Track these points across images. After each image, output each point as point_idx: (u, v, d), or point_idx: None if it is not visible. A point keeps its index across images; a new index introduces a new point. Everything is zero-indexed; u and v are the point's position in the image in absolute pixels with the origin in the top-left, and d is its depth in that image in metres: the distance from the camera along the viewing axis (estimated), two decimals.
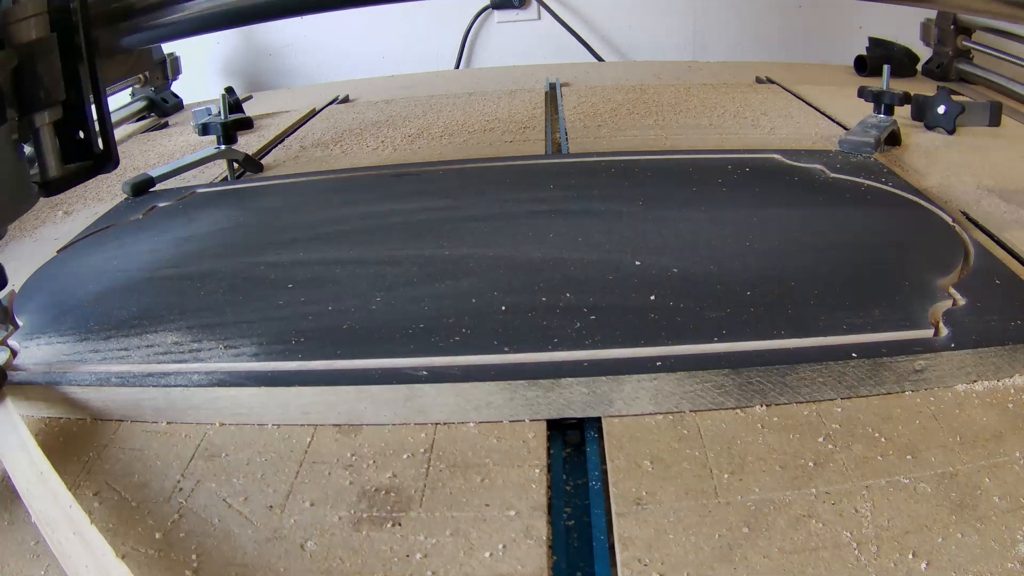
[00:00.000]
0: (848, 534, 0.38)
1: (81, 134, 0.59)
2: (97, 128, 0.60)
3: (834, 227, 0.65)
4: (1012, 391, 0.47)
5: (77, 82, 0.57)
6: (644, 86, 1.31)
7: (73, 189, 0.96)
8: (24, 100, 0.54)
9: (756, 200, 0.72)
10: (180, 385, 0.49)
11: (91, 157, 0.61)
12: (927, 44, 1.37)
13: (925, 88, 1.11)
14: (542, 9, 1.74)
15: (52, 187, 0.57)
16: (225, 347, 0.52)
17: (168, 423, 0.49)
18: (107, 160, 0.62)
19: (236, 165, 0.96)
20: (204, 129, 0.95)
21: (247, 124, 1.00)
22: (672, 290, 0.56)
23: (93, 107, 0.59)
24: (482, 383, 0.47)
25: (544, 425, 0.47)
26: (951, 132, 0.96)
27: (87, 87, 0.58)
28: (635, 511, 0.40)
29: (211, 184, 0.91)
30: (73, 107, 0.58)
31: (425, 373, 0.48)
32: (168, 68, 1.40)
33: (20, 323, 0.58)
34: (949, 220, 0.65)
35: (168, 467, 0.45)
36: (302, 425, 0.48)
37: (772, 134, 1.00)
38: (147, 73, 1.35)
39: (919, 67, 1.36)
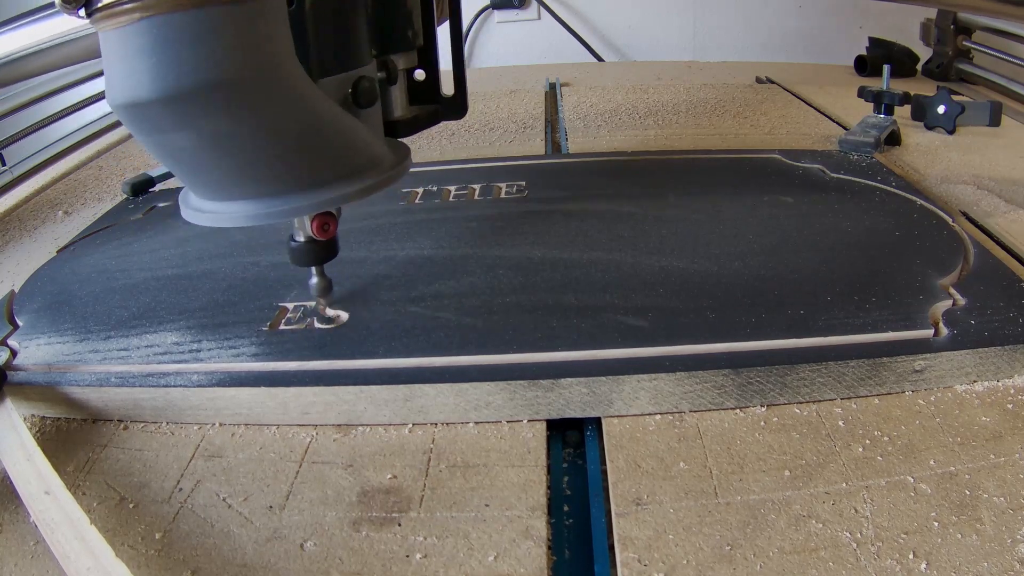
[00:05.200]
0: (848, 534, 0.38)
1: (419, 75, 0.56)
2: (438, 73, 0.58)
3: (834, 227, 0.65)
4: (1012, 391, 0.48)
5: (430, 19, 0.55)
6: (644, 86, 1.31)
7: (72, 189, 0.96)
8: (383, 39, 0.51)
9: (756, 200, 0.72)
10: (180, 385, 0.49)
11: (437, 101, 0.58)
12: (927, 44, 1.37)
13: (925, 88, 1.11)
14: (542, 9, 1.74)
15: (398, 129, 0.54)
16: (225, 347, 0.52)
17: (168, 423, 0.49)
18: (458, 107, 0.59)
19: None
20: None
21: None
22: (672, 290, 0.56)
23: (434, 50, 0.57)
24: (482, 383, 0.47)
25: (544, 425, 0.47)
26: (951, 132, 0.96)
27: (446, 25, 0.57)
28: (635, 511, 0.40)
29: None
30: (423, 47, 0.55)
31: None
32: None
33: (20, 323, 0.58)
34: (949, 220, 0.65)
35: (168, 467, 0.45)
36: (302, 425, 0.48)
37: (772, 134, 1.00)
38: None
39: (919, 67, 1.36)
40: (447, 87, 0.59)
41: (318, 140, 0.45)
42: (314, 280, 0.54)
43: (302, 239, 0.51)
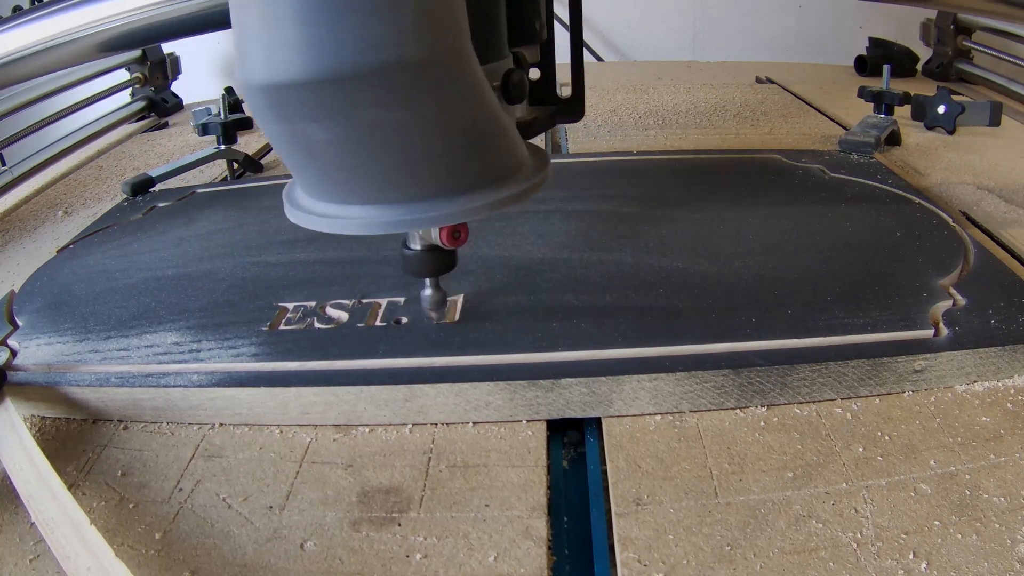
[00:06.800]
0: (848, 534, 0.38)
1: (534, 74, 0.52)
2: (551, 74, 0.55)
3: (834, 227, 0.65)
4: (1012, 391, 0.47)
5: (551, 12, 0.52)
6: (644, 86, 1.31)
7: (72, 189, 0.96)
8: (514, 30, 0.46)
9: (756, 200, 0.72)
10: (180, 385, 0.49)
11: (553, 103, 0.55)
12: (927, 44, 1.37)
13: (925, 88, 1.11)
14: None
15: (522, 131, 0.49)
16: (225, 347, 0.52)
17: (168, 423, 0.49)
18: (575, 109, 0.56)
19: (236, 165, 0.96)
20: (204, 129, 0.95)
21: (247, 124, 1.00)
22: (672, 290, 0.56)
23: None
24: (482, 383, 0.47)
25: (544, 425, 0.47)
26: (951, 132, 0.96)
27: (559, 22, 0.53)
28: (635, 511, 0.40)
29: (211, 184, 0.91)
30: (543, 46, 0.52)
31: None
32: (168, 68, 1.40)
33: (20, 323, 0.58)
34: (949, 220, 0.65)
35: (168, 467, 0.45)
36: (302, 425, 0.48)
37: (772, 134, 1.00)
38: (147, 73, 1.35)
39: (919, 67, 1.36)
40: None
41: (481, 136, 0.40)
42: (428, 292, 0.49)
43: (418, 247, 0.46)
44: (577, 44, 0.56)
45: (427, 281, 0.49)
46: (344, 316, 0.55)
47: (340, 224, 0.41)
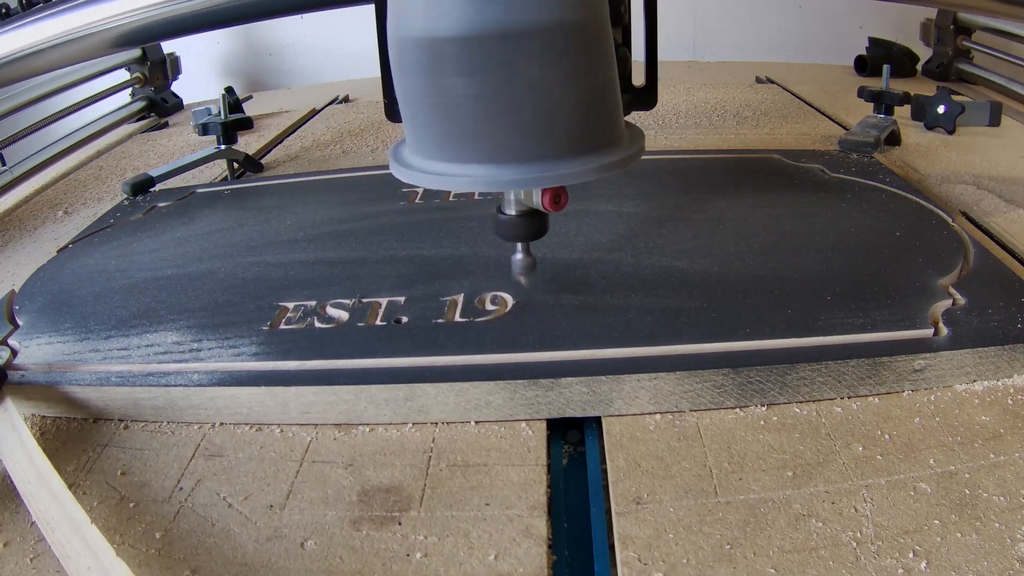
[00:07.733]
0: (848, 534, 0.38)
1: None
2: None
3: (834, 227, 0.65)
4: (1012, 391, 0.48)
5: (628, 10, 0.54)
6: None
7: (72, 189, 0.96)
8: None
9: (756, 200, 0.72)
10: (180, 385, 0.49)
11: (627, 91, 0.55)
12: (927, 44, 1.37)
13: (925, 88, 1.11)
14: None
15: None
16: (225, 347, 0.52)
17: (169, 422, 0.49)
18: (649, 98, 0.58)
19: (236, 165, 0.96)
20: (204, 129, 0.95)
21: (247, 124, 1.00)
22: (672, 290, 0.56)
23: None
24: (482, 383, 0.47)
25: (544, 425, 0.47)
26: (951, 132, 0.96)
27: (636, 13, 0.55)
28: (635, 510, 0.40)
29: (211, 184, 0.91)
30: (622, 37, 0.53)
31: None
32: (168, 68, 1.40)
33: (20, 323, 0.58)
34: (949, 220, 0.65)
35: (168, 467, 0.45)
36: (302, 425, 0.48)
37: (772, 134, 1.00)
38: (147, 73, 1.35)
39: (919, 67, 1.36)
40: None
41: (604, 101, 0.43)
42: (519, 256, 0.51)
43: (513, 212, 0.48)
44: (652, 34, 0.58)
45: (519, 246, 0.51)
46: (344, 316, 0.55)
47: (459, 182, 0.42)
